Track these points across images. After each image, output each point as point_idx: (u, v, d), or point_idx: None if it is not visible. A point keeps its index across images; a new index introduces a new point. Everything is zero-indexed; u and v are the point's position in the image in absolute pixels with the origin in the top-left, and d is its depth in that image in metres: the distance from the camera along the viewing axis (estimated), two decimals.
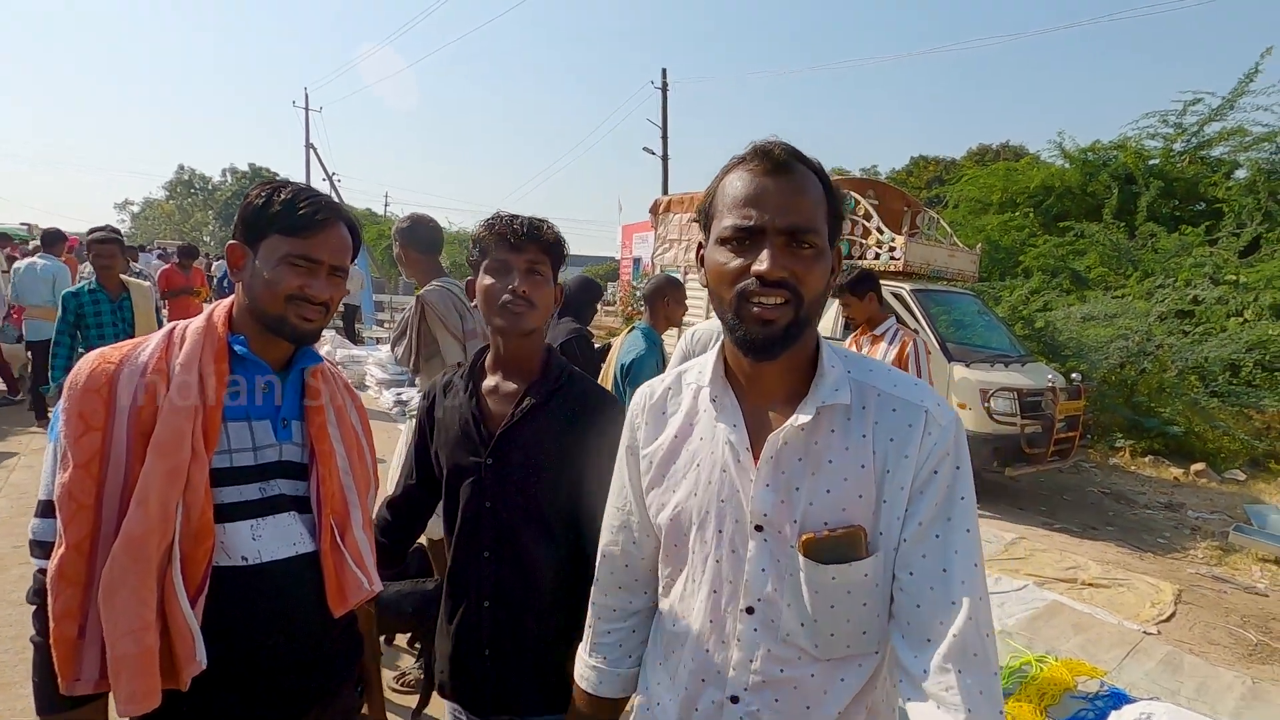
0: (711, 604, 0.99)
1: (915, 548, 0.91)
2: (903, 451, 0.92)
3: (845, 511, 0.92)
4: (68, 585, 1.01)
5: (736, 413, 0.98)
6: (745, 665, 0.96)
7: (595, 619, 1.20)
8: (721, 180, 0.95)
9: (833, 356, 0.97)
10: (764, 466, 0.94)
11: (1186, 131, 12.77)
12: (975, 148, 27.60)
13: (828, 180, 0.94)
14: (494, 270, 1.38)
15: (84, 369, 1.07)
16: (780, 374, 0.97)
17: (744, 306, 0.90)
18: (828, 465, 0.93)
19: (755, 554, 0.95)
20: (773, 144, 0.92)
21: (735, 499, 0.96)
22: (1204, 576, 4.90)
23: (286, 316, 1.14)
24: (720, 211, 0.93)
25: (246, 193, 1.18)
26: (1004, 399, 6.03)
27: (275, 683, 1.15)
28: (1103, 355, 8.89)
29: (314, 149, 27.09)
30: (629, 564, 1.15)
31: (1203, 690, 3.29)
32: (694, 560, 1.02)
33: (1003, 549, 5.07)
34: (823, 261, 0.91)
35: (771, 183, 0.90)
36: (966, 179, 15.98)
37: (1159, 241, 11.26)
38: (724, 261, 0.91)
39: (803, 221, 0.89)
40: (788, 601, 0.94)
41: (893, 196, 8.15)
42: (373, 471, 1.35)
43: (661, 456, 1.06)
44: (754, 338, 0.90)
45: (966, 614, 0.88)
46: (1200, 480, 7.59)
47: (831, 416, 0.94)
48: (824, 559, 0.91)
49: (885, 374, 0.98)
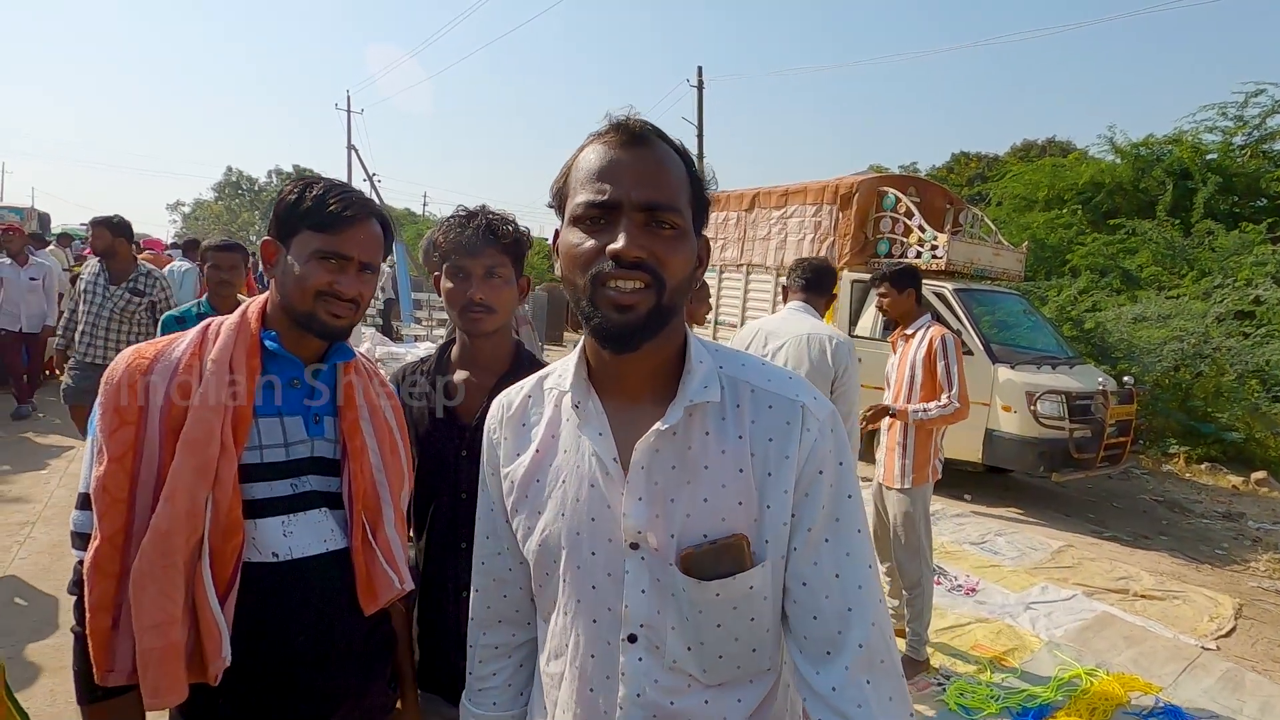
0: (590, 636, 0.90)
1: (806, 555, 0.85)
2: (783, 452, 0.84)
3: (725, 521, 0.84)
4: (102, 578, 1.02)
5: (602, 419, 0.88)
6: (633, 701, 0.87)
7: (476, 663, 1.08)
8: (575, 157, 0.85)
9: (701, 351, 0.89)
10: (634, 477, 0.85)
11: (1248, 124, 12.24)
12: (1020, 144, 26.88)
13: (692, 163, 0.86)
14: (453, 275, 1.42)
15: (119, 365, 1.09)
16: (646, 373, 0.88)
17: (599, 291, 0.80)
18: (704, 472, 0.85)
19: (633, 575, 0.86)
20: (630, 117, 0.83)
21: (607, 516, 0.87)
22: (1266, 590, 4.66)
23: (316, 313, 1.14)
24: (573, 189, 0.84)
25: (281, 189, 1.19)
26: (1051, 402, 5.83)
27: (305, 679, 1.15)
28: (1156, 358, 8.57)
29: (355, 150, 27.62)
30: (507, 594, 1.04)
31: (1266, 710, 3.12)
32: (567, 589, 0.91)
33: (1049, 556, 4.90)
34: (686, 244, 0.83)
35: (628, 155, 0.81)
36: (1011, 175, 15.54)
37: (1217, 239, 10.81)
38: (576, 243, 0.82)
39: (663, 198, 0.80)
40: (672, 625, 0.85)
41: (934, 193, 7.97)
42: (407, 468, 1.34)
43: (522, 475, 0.95)
44: (611, 325, 0.80)
45: (868, 620, 0.83)
46: (1261, 489, 7.25)
47: (704, 417, 0.86)
48: (705, 574, 0.83)
49: (759, 368, 0.91)
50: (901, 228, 7.18)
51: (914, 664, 3.17)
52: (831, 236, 7.50)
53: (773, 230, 8.24)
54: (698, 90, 22.19)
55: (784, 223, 8.12)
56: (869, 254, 7.27)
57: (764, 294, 8.23)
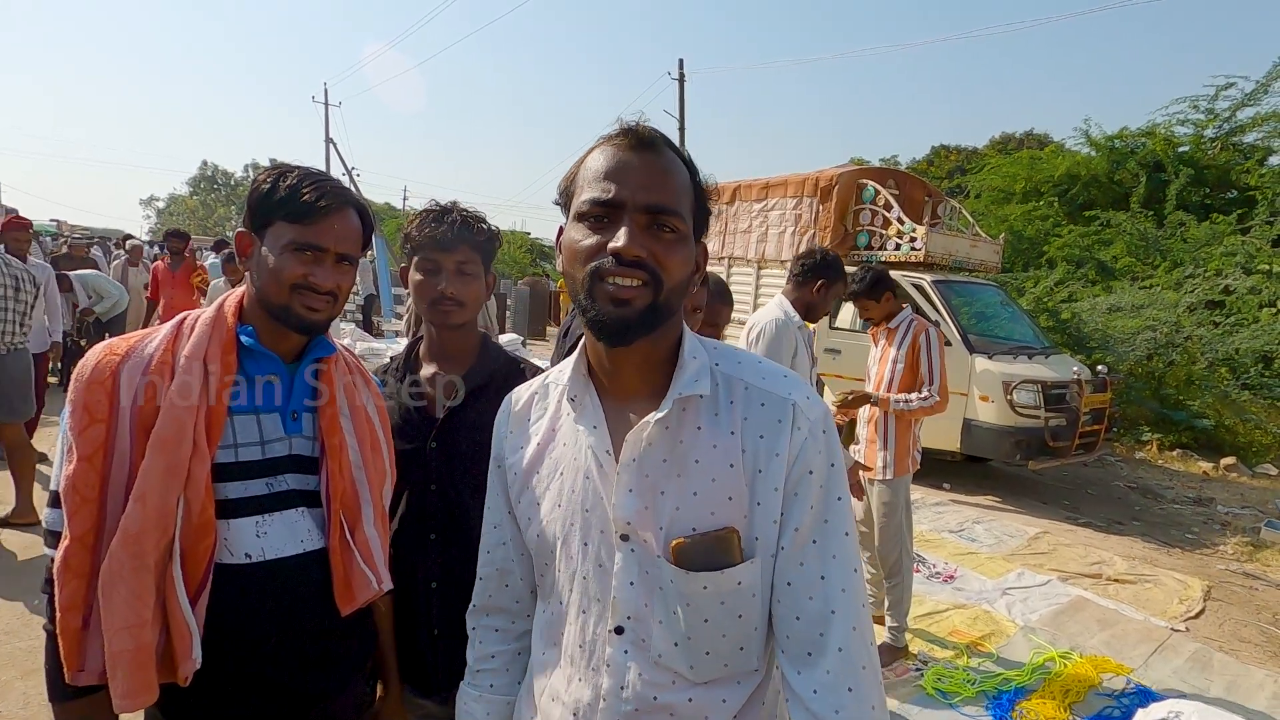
0: (579, 626, 0.92)
1: (793, 556, 0.86)
2: (773, 449, 0.85)
3: (714, 515, 0.85)
4: (73, 577, 1.01)
5: (597, 413, 0.90)
6: (616, 694, 0.88)
7: (477, 644, 1.10)
8: (584, 158, 0.88)
9: (696, 348, 0.91)
10: (625, 469, 0.87)
11: (1218, 117, 12.46)
12: (998, 136, 27.13)
13: (697, 172, 0.89)
14: (424, 268, 1.43)
15: (90, 361, 1.06)
16: (641, 369, 0.90)
17: (598, 286, 0.82)
18: (694, 466, 0.86)
19: (622, 567, 0.87)
20: (640, 123, 0.86)
21: (600, 507, 0.89)
22: (1234, 573, 4.78)
23: (291, 306, 1.11)
24: (580, 187, 0.86)
25: (254, 178, 1.16)
26: (1027, 391, 5.92)
27: (278, 680, 1.14)
28: (1129, 347, 8.74)
29: (334, 144, 27.25)
30: (509, 584, 1.07)
31: (1233, 688, 3.21)
32: (561, 579, 0.94)
33: (1025, 543, 4.98)
34: (684, 248, 0.85)
35: (635, 159, 0.84)
36: (989, 168, 15.72)
37: (1189, 230, 11.01)
38: (579, 239, 0.84)
39: (665, 201, 0.83)
40: (659, 618, 0.87)
41: (914, 186, 8.03)
42: (389, 465, 1.32)
43: (525, 467, 0.99)
44: (607, 319, 0.82)
45: (850, 624, 0.84)
46: (1230, 475, 7.42)
47: (696, 412, 0.88)
48: (694, 565, 0.84)
49: (754, 366, 0.92)
50: (881, 220, 7.23)
51: (893, 651, 3.22)
52: (812, 229, 7.53)
53: (754, 223, 8.25)
54: (679, 83, 22.14)
55: (765, 215, 8.13)
56: (849, 246, 7.31)
57: (745, 287, 8.24)
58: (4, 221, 5.07)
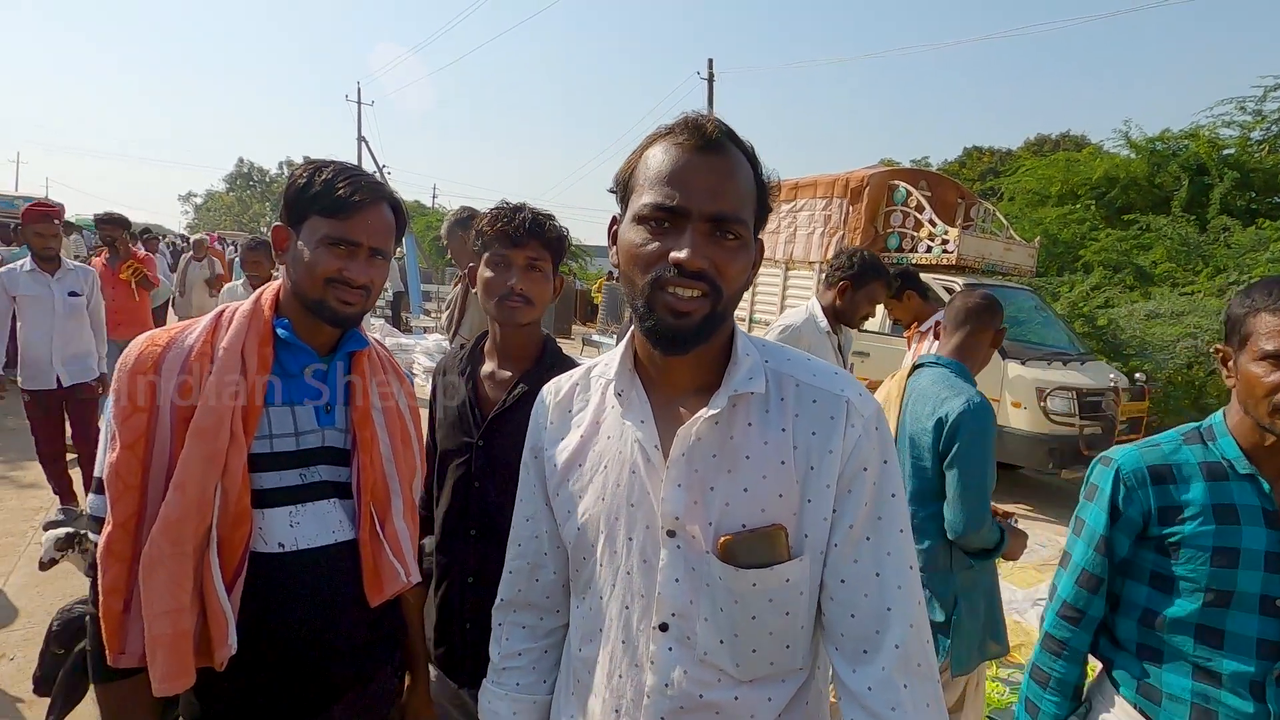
0: (623, 622, 0.90)
1: (846, 553, 0.84)
2: (826, 446, 0.84)
3: (765, 512, 0.84)
4: (115, 562, 1.03)
5: (645, 408, 0.89)
6: (661, 691, 0.87)
7: (503, 640, 1.09)
8: (645, 151, 0.85)
9: (748, 345, 0.90)
10: (675, 464, 0.85)
11: (1266, 119, 12.05)
12: (1033, 138, 26.68)
13: (759, 166, 0.86)
14: (494, 264, 1.43)
15: (133, 351, 1.09)
16: (693, 366, 0.89)
17: (658, 295, 0.81)
18: (745, 462, 0.85)
19: (668, 562, 0.86)
20: (705, 118, 0.82)
21: (646, 502, 0.88)
22: None
23: (326, 300, 1.13)
24: (640, 186, 0.83)
25: (291, 173, 1.17)
26: (1061, 398, 5.79)
27: (309, 668, 1.16)
28: (1169, 355, 8.49)
29: (365, 142, 27.77)
30: (540, 579, 1.05)
31: None
32: (603, 574, 0.92)
33: (1056, 553, 4.87)
34: (745, 253, 0.84)
35: (701, 161, 0.80)
36: (1024, 170, 15.38)
37: (1233, 235, 10.67)
38: (640, 243, 0.82)
39: (730, 209, 0.80)
40: (705, 615, 0.85)
41: (946, 188, 7.92)
42: (419, 458, 1.34)
43: (566, 459, 0.97)
44: (665, 329, 0.81)
45: (907, 621, 0.83)
46: None
47: (747, 408, 0.86)
48: (742, 562, 0.83)
49: (804, 364, 0.91)
50: (912, 222, 7.15)
51: None
52: (841, 230, 7.46)
53: (782, 224, 8.20)
54: (708, 83, 22.07)
55: (794, 216, 8.08)
56: (879, 248, 7.23)
57: (772, 289, 8.20)
58: (24, 210, 3.98)
